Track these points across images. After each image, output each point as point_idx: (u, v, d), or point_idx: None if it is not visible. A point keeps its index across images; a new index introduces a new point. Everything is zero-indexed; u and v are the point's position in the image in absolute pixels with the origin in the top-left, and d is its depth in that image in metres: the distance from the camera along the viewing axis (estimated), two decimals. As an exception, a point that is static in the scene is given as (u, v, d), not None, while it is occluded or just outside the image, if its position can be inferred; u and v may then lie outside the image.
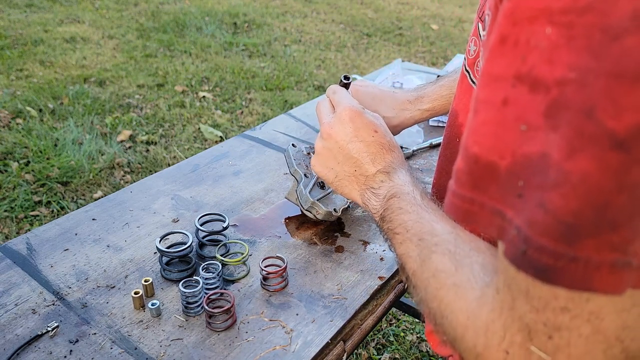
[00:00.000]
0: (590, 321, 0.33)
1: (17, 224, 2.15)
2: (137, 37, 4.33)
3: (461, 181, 0.39)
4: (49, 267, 0.79)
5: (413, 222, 0.54)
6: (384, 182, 0.63)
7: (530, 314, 0.35)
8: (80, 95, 3.18)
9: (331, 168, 0.70)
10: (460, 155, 0.39)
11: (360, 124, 0.68)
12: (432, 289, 0.46)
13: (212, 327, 0.69)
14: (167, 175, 1.05)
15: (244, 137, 1.21)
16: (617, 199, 0.29)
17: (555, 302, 0.33)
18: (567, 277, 0.31)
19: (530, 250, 0.32)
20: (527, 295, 0.35)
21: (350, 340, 0.73)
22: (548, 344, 0.35)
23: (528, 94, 0.33)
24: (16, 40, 3.98)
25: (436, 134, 1.24)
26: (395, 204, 0.58)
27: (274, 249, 0.85)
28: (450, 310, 0.43)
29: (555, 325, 0.34)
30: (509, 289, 0.37)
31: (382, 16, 5.58)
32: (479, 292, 0.41)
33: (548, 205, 0.31)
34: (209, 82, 3.60)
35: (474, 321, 0.40)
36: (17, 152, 2.56)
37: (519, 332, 0.36)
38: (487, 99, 0.37)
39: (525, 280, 0.35)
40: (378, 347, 1.78)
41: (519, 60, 0.34)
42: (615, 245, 0.30)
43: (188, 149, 2.77)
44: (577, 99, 0.30)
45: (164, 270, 0.78)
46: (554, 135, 0.32)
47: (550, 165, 0.32)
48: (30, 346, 0.66)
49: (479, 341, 0.39)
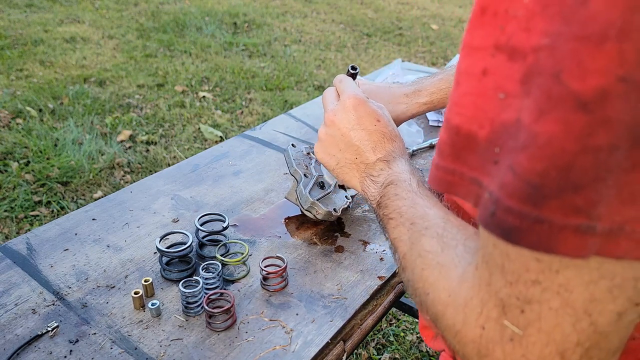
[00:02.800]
0: (560, 294, 0.34)
1: (17, 224, 2.15)
2: (137, 37, 4.33)
3: (443, 153, 0.40)
4: (49, 267, 0.79)
5: (407, 208, 0.55)
6: (383, 170, 0.64)
7: (505, 288, 0.36)
8: (80, 95, 3.18)
9: (333, 155, 0.71)
10: (442, 127, 0.41)
11: (363, 113, 0.70)
12: (418, 269, 0.47)
13: (212, 327, 0.69)
14: (167, 175, 1.05)
15: (244, 137, 1.21)
16: (580, 161, 0.30)
17: (527, 274, 0.34)
18: (532, 238, 0.32)
19: (498, 212, 0.33)
20: (502, 270, 0.36)
21: (350, 340, 0.73)
22: (520, 318, 0.35)
23: (506, 63, 0.34)
24: (16, 40, 3.99)
25: (436, 134, 1.24)
26: (392, 190, 0.59)
27: (274, 249, 0.85)
28: (434, 288, 0.44)
29: (526, 298, 0.35)
30: (486, 265, 0.38)
31: (382, 16, 5.58)
32: (461, 270, 0.42)
33: (516, 167, 0.32)
34: (209, 82, 3.60)
35: (454, 298, 0.41)
36: (17, 152, 2.56)
37: (494, 308, 0.37)
38: (467, 69, 0.38)
39: (501, 254, 0.35)
40: (378, 347, 1.78)
41: (498, 30, 0.35)
42: (579, 208, 0.30)
43: (188, 149, 2.77)
44: (547, 63, 0.31)
45: (164, 270, 0.78)
46: (526, 101, 0.32)
47: (521, 129, 0.32)
48: (30, 346, 0.66)
49: (458, 318, 0.40)
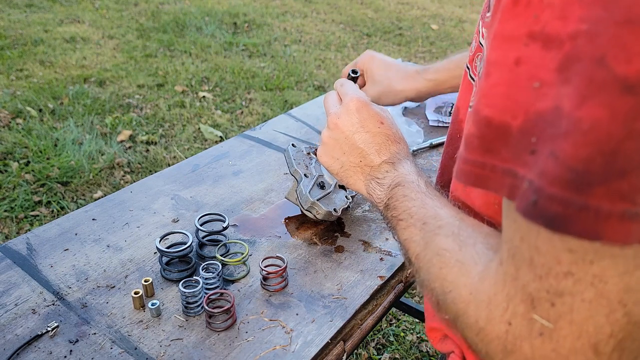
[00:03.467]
0: (594, 285, 0.33)
1: (17, 224, 2.15)
2: (137, 37, 4.33)
3: (472, 146, 0.39)
4: (49, 267, 0.79)
5: (417, 208, 0.54)
6: (388, 172, 0.64)
7: (534, 282, 0.35)
8: (80, 95, 3.18)
9: (337, 158, 0.70)
10: (470, 120, 0.39)
11: (366, 115, 0.69)
12: (435, 268, 0.47)
13: (212, 327, 0.69)
14: (167, 175, 1.05)
15: (244, 137, 1.21)
16: (626, 146, 0.29)
17: (559, 267, 0.34)
18: (577, 226, 0.31)
19: (541, 200, 0.32)
20: (531, 264, 0.35)
21: (350, 340, 0.73)
22: (550, 311, 0.35)
23: (541, 51, 0.34)
24: (16, 40, 3.99)
25: (436, 134, 1.24)
26: (400, 191, 0.58)
27: (274, 249, 0.85)
28: (454, 286, 0.43)
29: (558, 291, 0.34)
30: (512, 259, 0.37)
31: (382, 16, 5.58)
32: (482, 267, 0.42)
33: (559, 154, 0.32)
34: (209, 82, 3.60)
35: (476, 295, 0.40)
36: (17, 152, 2.56)
37: (521, 302, 0.36)
38: (498, 60, 0.37)
39: (529, 248, 0.35)
40: (378, 347, 1.78)
41: (531, 19, 0.34)
42: (625, 194, 0.30)
43: (188, 149, 2.77)
44: (588, 49, 0.31)
45: (164, 270, 0.78)
46: (566, 88, 0.32)
47: (562, 116, 0.32)
48: (30, 346, 0.66)
49: (481, 315, 0.40)
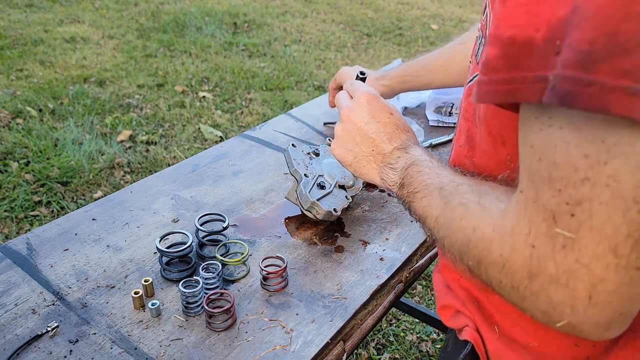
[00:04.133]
0: (609, 185, 0.35)
1: (17, 224, 2.15)
2: (137, 37, 4.33)
3: (496, 68, 0.41)
4: (49, 267, 0.79)
5: (432, 179, 0.57)
6: (400, 158, 0.66)
7: (553, 198, 0.38)
8: (80, 95, 3.18)
9: (350, 149, 0.72)
10: (491, 46, 0.42)
11: (377, 106, 0.72)
12: (456, 220, 0.49)
13: (212, 327, 0.69)
14: (167, 175, 1.05)
15: (244, 137, 1.21)
16: (624, 26, 0.33)
17: (576, 174, 0.37)
18: (584, 99, 0.34)
19: (557, 83, 0.36)
20: (550, 180, 0.38)
21: (350, 340, 0.73)
22: (571, 222, 0.37)
23: None
24: (16, 40, 3.98)
25: (436, 134, 1.24)
26: (414, 169, 0.61)
27: (274, 249, 0.85)
28: (476, 229, 0.46)
29: (577, 200, 0.37)
30: (532, 183, 0.40)
31: (382, 16, 5.58)
32: (503, 205, 0.44)
33: (571, 42, 0.35)
34: (209, 82, 3.60)
35: (499, 230, 0.43)
36: (17, 152, 2.56)
37: (543, 222, 0.39)
38: None
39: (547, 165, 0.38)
40: (378, 347, 1.78)
41: None
42: (627, 71, 0.33)
43: (188, 149, 2.77)
44: None
45: (164, 270, 0.78)
46: None
47: (576, 12, 0.35)
48: (30, 346, 0.66)
49: (505, 247, 0.42)
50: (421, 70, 1.15)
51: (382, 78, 1.19)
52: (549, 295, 0.40)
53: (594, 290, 0.37)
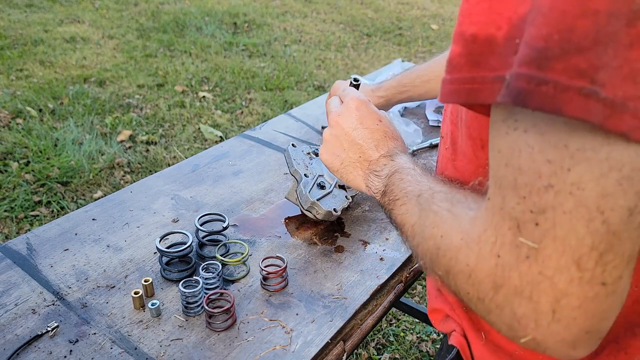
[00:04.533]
0: (572, 193, 0.34)
1: (17, 224, 2.15)
2: (137, 37, 4.33)
3: (458, 66, 0.40)
4: (49, 267, 0.79)
5: (412, 187, 0.56)
6: (386, 165, 0.66)
7: (518, 205, 0.37)
8: (80, 95, 3.18)
9: (337, 155, 0.72)
10: (454, 43, 0.41)
11: (365, 113, 0.72)
12: (429, 228, 0.48)
13: (212, 327, 0.69)
14: (167, 175, 1.05)
15: (244, 137, 1.21)
16: (580, 23, 0.31)
17: (540, 181, 0.35)
18: (538, 99, 0.33)
19: (512, 82, 0.35)
20: (515, 186, 0.37)
21: (350, 340, 0.73)
22: (535, 231, 0.36)
23: None
24: (16, 40, 3.98)
25: (436, 134, 1.24)
26: (396, 177, 0.61)
27: (274, 249, 0.85)
28: (446, 238, 0.44)
29: (540, 208, 0.35)
30: (499, 189, 0.38)
31: (382, 16, 5.58)
32: (473, 213, 0.43)
33: (527, 38, 0.34)
34: (209, 82, 3.60)
35: (467, 238, 0.42)
36: (17, 152, 2.56)
37: (509, 230, 0.37)
38: None
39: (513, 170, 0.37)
40: (378, 347, 1.78)
41: None
42: (582, 71, 0.31)
43: (188, 149, 2.77)
44: None
45: (164, 270, 0.78)
46: None
47: (533, 9, 0.34)
48: (30, 346, 0.66)
49: (472, 256, 0.40)
50: (417, 80, 1.15)
51: (378, 89, 1.18)
52: (513, 308, 0.38)
53: (557, 305, 0.35)
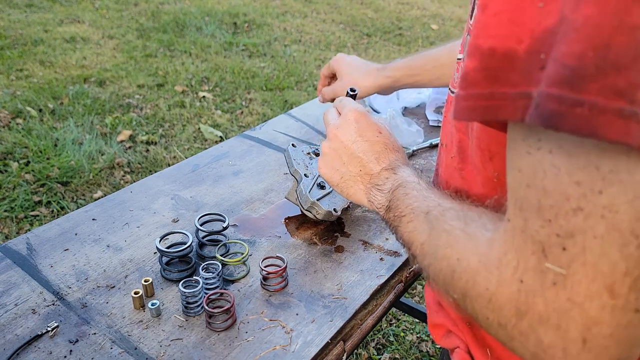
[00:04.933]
0: (604, 217, 0.32)
1: (17, 224, 2.15)
2: (137, 37, 4.33)
3: (475, 81, 0.38)
4: (49, 267, 0.79)
5: (419, 202, 0.54)
6: (388, 179, 0.63)
7: (543, 228, 0.34)
8: (80, 95, 3.18)
9: (337, 169, 0.70)
10: (469, 57, 0.39)
11: (364, 124, 0.69)
12: (442, 249, 0.46)
13: (212, 327, 0.69)
14: (167, 175, 1.05)
15: (244, 137, 1.21)
16: (618, 39, 0.29)
17: (567, 204, 0.33)
18: (571, 122, 0.30)
19: (541, 102, 0.32)
20: (539, 209, 0.35)
21: (350, 340, 0.73)
22: (562, 256, 0.34)
23: None
24: (16, 40, 3.98)
25: (436, 134, 1.23)
26: (401, 191, 0.58)
27: (274, 249, 0.85)
28: (462, 259, 0.42)
29: (568, 231, 0.33)
30: (520, 211, 0.36)
31: (382, 16, 5.58)
32: (489, 234, 0.41)
33: (557, 56, 0.32)
34: (209, 82, 3.60)
35: (485, 262, 0.40)
36: (17, 152, 2.56)
37: (532, 255, 0.35)
38: None
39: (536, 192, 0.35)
40: (378, 347, 1.78)
41: None
42: (620, 90, 0.29)
43: (188, 149, 2.77)
44: None
45: (164, 270, 0.78)
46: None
47: (563, 24, 0.32)
48: (30, 346, 0.66)
49: (492, 280, 0.38)
50: (428, 64, 1.10)
51: (385, 69, 1.13)
52: (539, 337, 0.36)
53: (588, 333, 0.34)
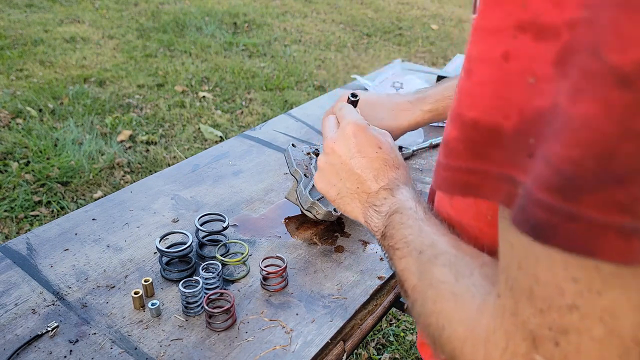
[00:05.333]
0: (604, 320, 0.29)
1: (17, 224, 2.15)
2: (137, 37, 4.33)
3: (456, 151, 0.35)
4: (49, 267, 0.79)
5: (414, 236, 0.51)
6: (386, 199, 0.61)
7: (535, 317, 0.31)
8: (80, 95, 3.18)
9: (333, 185, 0.68)
10: (451, 124, 0.36)
11: (363, 139, 0.67)
12: (430, 301, 0.43)
13: (212, 327, 0.69)
14: (167, 175, 1.05)
15: (243, 137, 1.21)
16: (622, 147, 0.25)
17: (562, 299, 0.30)
18: (565, 237, 0.27)
19: (528, 205, 0.29)
20: (531, 296, 0.32)
21: (350, 340, 0.73)
22: (555, 351, 0.31)
23: (533, 43, 0.30)
24: (16, 40, 3.98)
25: (436, 133, 1.24)
26: (397, 219, 0.56)
27: (274, 249, 0.85)
28: (449, 321, 0.40)
29: (562, 328, 0.30)
30: (511, 291, 0.34)
31: (382, 16, 5.58)
32: (479, 299, 0.38)
33: (549, 156, 0.28)
34: (209, 82, 3.60)
35: (473, 332, 0.37)
36: (17, 152, 2.56)
37: (522, 341, 0.33)
38: (482, 55, 0.33)
39: (527, 277, 0.32)
40: (378, 347, 1.78)
41: (519, 8, 0.31)
42: (623, 205, 0.26)
43: (188, 149, 2.77)
44: (585, 38, 0.27)
45: (163, 270, 0.78)
46: (563, 83, 0.28)
47: (558, 114, 0.28)
48: (30, 346, 0.66)
49: (478, 354, 0.36)
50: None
51: (422, 102, 0.96)
52: None
53: None
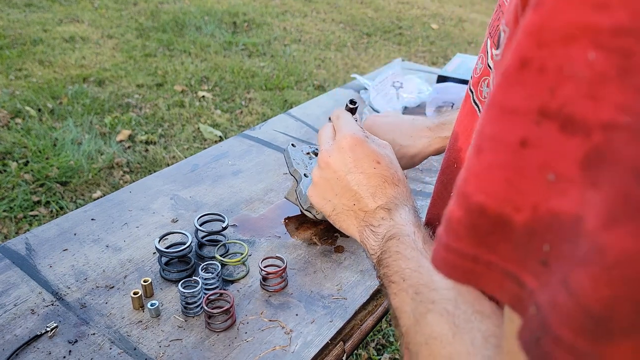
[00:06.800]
0: None
1: (16, 224, 2.14)
2: (136, 36, 4.32)
3: (459, 234, 0.32)
4: (48, 267, 0.79)
5: (411, 271, 0.48)
6: (384, 220, 0.58)
7: None
8: (80, 95, 3.17)
9: (329, 200, 0.65)
10: (456, 202, 0.32)
11: (361, 154, 0.63)
12: (423, 357, 0.41)
13: (211, 328, 0.69)
14: (167, 175, 1.05)
15: (243, 137, 1.21)
16: None
17: None
18: None
19: (546, 339, 0.25)
20: None
21: (350, 340, 0.72)
22: None
23: (558, 135, 0.26)
24: (15, 39, 3.98)
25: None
26: (394, 247, 0.53)
27: (274, 249, 0.85)
28: None
29: None
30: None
31: (382, 15, 5.58)
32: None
33: (573, 285, 0.24)
34: (209, 81, 3.60)
35: None
36: (16, 152, 2.56)
37: None
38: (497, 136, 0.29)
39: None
40: (378, 348, 1.77)
41: (546, 92, 0.26)
42: None
43: (187, 148, 2.76)
44: (627, 152, 0.23)
45: (163, 270, 0.78)
46: (592, 193, 0.24)
47: (582, 233, 0.24)
48: (29, 346, 0.66)
49: None
50: None
51: (441, 128, 0.90)
52: None
53: None
